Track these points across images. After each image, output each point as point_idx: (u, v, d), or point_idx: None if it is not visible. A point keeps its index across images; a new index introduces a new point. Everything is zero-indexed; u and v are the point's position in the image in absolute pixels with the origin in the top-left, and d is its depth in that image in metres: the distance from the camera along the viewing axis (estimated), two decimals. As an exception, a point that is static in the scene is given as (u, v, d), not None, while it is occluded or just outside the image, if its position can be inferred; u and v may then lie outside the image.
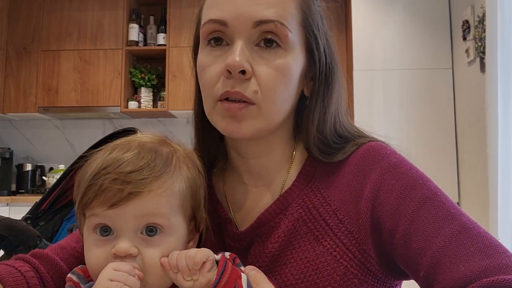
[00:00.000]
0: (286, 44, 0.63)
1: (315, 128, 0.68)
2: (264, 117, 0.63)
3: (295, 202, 0.68)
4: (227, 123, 0.63)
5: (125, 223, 0.55)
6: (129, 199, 0.54)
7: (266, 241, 0.67)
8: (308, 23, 0.66)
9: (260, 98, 0.62)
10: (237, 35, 0.62)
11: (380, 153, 0.66)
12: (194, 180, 0.62)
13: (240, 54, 0.61)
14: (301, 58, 0.66)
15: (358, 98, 3.16)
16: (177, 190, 0.58)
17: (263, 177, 0.71)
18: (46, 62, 3.59)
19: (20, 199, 3.23)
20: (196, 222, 0.63)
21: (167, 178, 0.57)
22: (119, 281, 0.51)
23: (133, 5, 3.73)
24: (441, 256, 0.55)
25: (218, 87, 0.63)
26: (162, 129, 3.76)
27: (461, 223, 0.57)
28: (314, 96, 0.69)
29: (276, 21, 0.62)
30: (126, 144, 0.60)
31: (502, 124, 2.24)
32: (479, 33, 2.64)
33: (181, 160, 0.61)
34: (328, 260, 0.63)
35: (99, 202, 0.55)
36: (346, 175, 0.67)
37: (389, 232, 0.60)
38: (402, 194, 0.61)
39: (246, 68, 0.61)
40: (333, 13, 3.24)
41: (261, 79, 0.62)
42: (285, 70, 0.63)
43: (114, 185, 0.54)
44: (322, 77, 0.68)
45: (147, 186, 0.55)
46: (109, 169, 0.55)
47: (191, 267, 0.54)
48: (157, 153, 0.59)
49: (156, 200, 0.55)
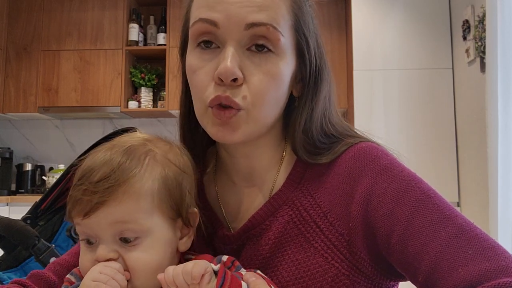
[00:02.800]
0: (278, 49, 0.62)
1: (301, 129, 0.67)
2: (253, 121, 0.62)
3: (285, 204, 0.67)
4: (218, 130, 0.62)
5: (101, 230, 0.57)
6: (98, 209, 0.56)
7: (257, 244, 0.67)
8: (299, 26, 0.65)
9: (249, 103, 0.61)
10: (228, 37, 0.61)
11: (371, 154, 0.65)
12: (172, 178, 0.61)
13: (232, 61, 0.59)
14: (292, 62, 0.65)
15: (358, 98, 3.16)
16: (147, 192, 0.58)
17: (253, 178, 0.71)
18: (46, 62, 3.59)
19: (20, 199, 3.23)
20: (183, 218, 0.62)
21: (134, 182, 0.57)
22: (100, 281, 0.53)
23: (133, 5, 3.73)
24: (439, 261, 0.54)
25: (209, 92, 0.61)
26: (162, 129, 3.76)
27: (457, 226, 0.56)
28: (303, 97, 0.68)
29: (268, 24, 0.60)
30: (107, 148, 0.61)
31: (502, 124, 2.24)
32: (479, 33, 2.64)
33: (156, 160, 0.61)
34: (320, 262, 0.63)
35: (76, 212, 0.58)
36: (336, 177, 0.66)
37: (384, 237, 0.59)
38: (395, 198, 0.59)
39: (238, 76, 0.59)
40: (333, 13, 3.25)
41: (252, 85, 0.61)
42: (276, 75, 0.62)
43: (84, 196, 0.56)
44: (312, 79, 0.67)
45: (112, 194, 0.56)
46: (83, 180, 0.58)
47: (189, 282, 0.52)
48: (129, 156, 0.59)
49: (123, 207, 0.56)
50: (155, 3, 3.73)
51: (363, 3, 3.24)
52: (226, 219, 0.71)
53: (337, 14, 3.51)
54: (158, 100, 3.65)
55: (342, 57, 3.45)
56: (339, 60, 3.43)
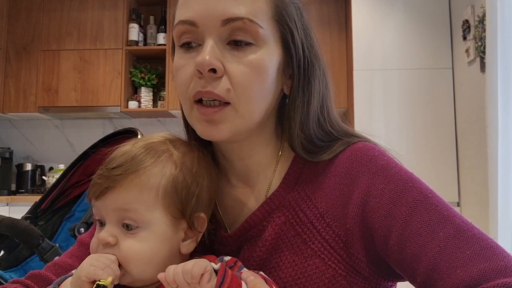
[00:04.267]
0: (258, 41, 0.61)
1: (298, 126, 0.66)
2: (241, 117, 0.62)
3: (282, 205, 0.67)
4: (204, 127, 0.62)
5: (107, 214, 0.60)
6: (105, 193, 0.60)
7: (254, 245, 0.66)
8: (281, 17, 0.64)
9: (234, 97, 0.61)
10: (207, 34, 0.61)
11: (368, 155, 0.64)
12: (181, 179, 0.62)
13: (210, 52, 0.59)
14: (276, 53, 0.64)
15: (358, 98, 3.16)
16: (152, 185, 0.60)
17: (249, 179, 0.71)
18: (46, 62, 3.59)
19: (20, 199, 3.23)
20: (187, 220, 0.62)
21: (142, 173, 0.60)
22: (98, 267, 0.56)
23: (133, 5, 3.73)
24: (437, 262, 0.54)
25: (191, 87, 0.62)
26: (162, 129, 3.76)
27: (455, 226, 0.56)
28: (293, 93, 0.66)
29: (244, 18, 0.60)
30: (132, 142, 0.65)
31: (502, 124, 2.24)
32: (479, 33, 2.64)
33: (171, 159, 0.63)
34: (317, 263, 0.62)
35: (91, 194, 0.62)
36: (333, 177, 0.65)
37: (382, 238, 0.59)
38: (393, 199, 0.59)
39: (216, 66, 0.59)
40: (333, 13, 3.25)
41: (233, 77, 0.60)
42: (258, 66, 0.61)
43: (99, 180, 0.61)
44: (301, 72, 0.66)
45: (120, 181, 0.59)
46: (103, 166, 0.62)
47: (189, 281, 0.53)
48: (147, 151, 0.62)
49: (126, 195, 0.59)
50: (155, 3, 3.73)
51: (363, 3, 3.24)
52: (224, 220, 0.71)
53: (337, 14, 3.51)
54: (158, 100, 3.65)
55: (342, 57, 3.45)
56: (339, 60, 3.42)
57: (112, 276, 0.56)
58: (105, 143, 1.29)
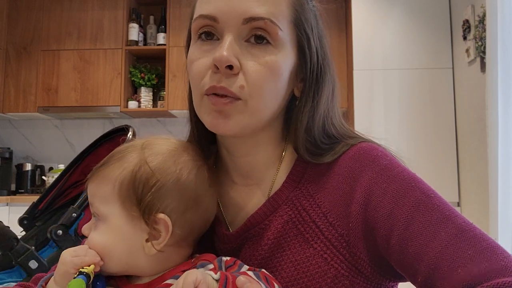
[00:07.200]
0: (276, 42, 0.62)
1: (303, 128, 0.67)
2: (251, 113, 0.62)
3: (285, 204, 0.67)
4: (213, 118, 0.62)
5: (91, 206, 0.63)
6: (88, 185, 0.64)
7: (256, 244, 0.66)
8: (300, 22, 0.65)
9: (246, 94, 0.61)
10: (226, 30, 0.62)
11: (371, 155, 0.65)
12: (142, 176, 0.59)
13: (228, 48, 0.60)
14: (291, 57, 0.65)
15: (358, 98, 3.16)
16: (110, 179, 0.61)
17: (252, 177, 0.71)
18: (46, 62, 3.59)
19: (20, 199, 3.23)
20: (144, 219, 0.59)
21: (107, 167, 0.62)
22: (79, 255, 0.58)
23: (133, 5, 3.73)
24: (438, 261, 0.54)
25: (205, 81, 0.62)
26: (162, 129, 3.76)
27: (457, 226, 0.56)
28: (304, 96, 0.68)
29: (266, 18, 0.61)
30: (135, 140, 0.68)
31: (502, 124, 2.23)
32: (480, 32, 2.64)
33: (141, 156, 0.61)
34: (319, 263, 0.63)
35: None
36: (336, 177, 0.66)
37: (384, 238, 0.59)
38: (395, 199, 0.59)
39: (233, 63, 0.60)
40: (333, 13, 3.25)
41: (248, 75, 0.61)
42: (274, 67, 0.62)
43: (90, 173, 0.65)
44: (313, 78, 0.67)
45: (94, 173, 0.63)
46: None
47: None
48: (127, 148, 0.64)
49: (91, 186, 0.63)
50: (155, 3, 3.73)
51: (363, 3, 3.24)
52: (225, 218, 0.71)
53: (337, 14, 3.51)
54: (158, 100, 3.65)
55: (342, 57, 3.45)
56: (339, 60, 3.42)
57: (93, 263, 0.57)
58: (103, 141, 1.29)
